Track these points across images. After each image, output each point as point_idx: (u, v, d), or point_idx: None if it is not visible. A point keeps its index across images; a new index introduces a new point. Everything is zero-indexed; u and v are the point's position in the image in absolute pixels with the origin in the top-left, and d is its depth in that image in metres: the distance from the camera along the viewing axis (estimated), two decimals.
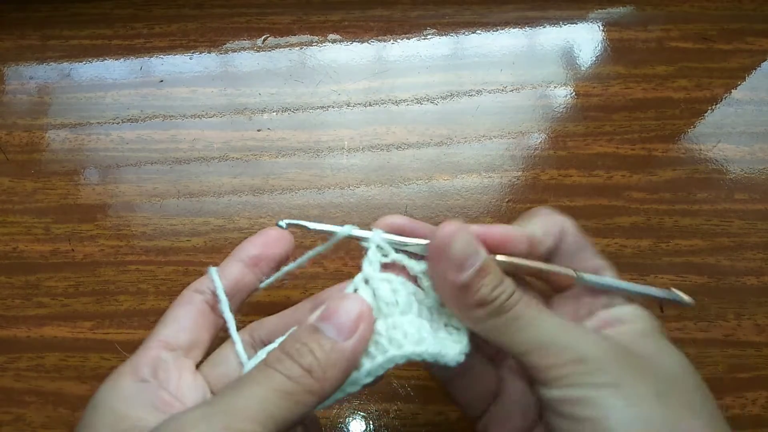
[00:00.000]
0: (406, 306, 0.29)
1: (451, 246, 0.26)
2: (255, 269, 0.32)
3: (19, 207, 0.48)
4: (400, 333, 0.27)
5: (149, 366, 0.27)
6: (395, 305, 0.28)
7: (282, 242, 0.33)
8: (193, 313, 0.30)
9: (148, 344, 0.29)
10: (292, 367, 0.24)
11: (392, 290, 0.29)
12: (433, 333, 0.28)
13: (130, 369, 0.27)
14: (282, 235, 0.33)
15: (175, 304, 0.31)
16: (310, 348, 0.25)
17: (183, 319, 0.30)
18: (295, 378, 0.24)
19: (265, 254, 0.32)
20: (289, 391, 0.24)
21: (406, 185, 0.48)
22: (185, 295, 0.31)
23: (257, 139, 0.50)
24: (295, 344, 0.25)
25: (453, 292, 0.27)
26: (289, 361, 0.24)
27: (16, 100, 0.51)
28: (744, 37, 0.53)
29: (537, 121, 0.50)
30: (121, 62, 0.53)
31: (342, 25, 0.54)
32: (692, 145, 0.49)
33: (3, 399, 0.42)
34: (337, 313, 0.26)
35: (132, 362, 0.28)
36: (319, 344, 0.25)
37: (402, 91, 0.51)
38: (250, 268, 0.32)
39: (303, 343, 0.25)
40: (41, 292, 0.45)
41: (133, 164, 0.49)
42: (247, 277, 0.32)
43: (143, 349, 0.28)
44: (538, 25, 0.54)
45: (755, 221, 0.46)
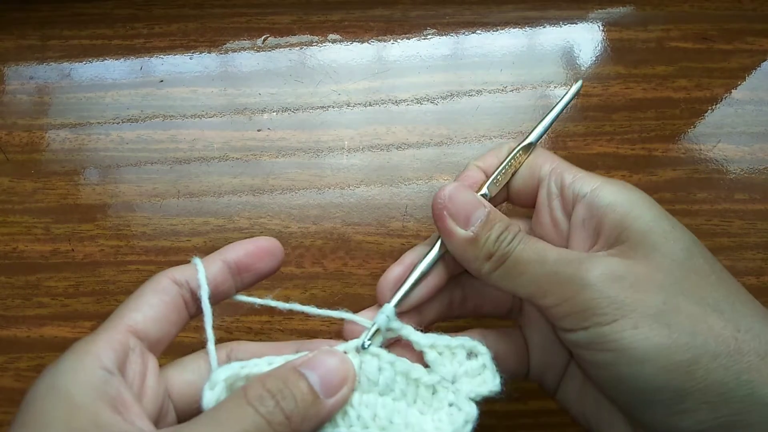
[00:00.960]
0: (385, 387, 0.28)
1: (455, 201, 0.28)
2: (237, 277, 0.30)
3: (19, 207, 0.48)
4: (369, 413, 0.27)
5: (115, 353, 0.25)
6: (375, 384, 0.28)
7: (272, 257, 0.30)
8: (167, 304, 0.28)
9: (114, 324, 0.26)
10: (275, 411, 0.23)
11: (378, 368, 0.28)
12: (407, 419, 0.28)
13: (94, 350, 0.24)
14: (273, 249, 0.30)
15: (148, 289, 0.28)
16: (293, 393, 0.24)
17: (156, 308, 0.27)
18: (275, 424, 0.23)
19: (253, 266, 0.30)
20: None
21: (406, 185, 0.48)
22: (161, 282, 0.28)
23: (257, 139, 0.50)
24: (278, 383, 0.24)
25: (463, 248, 0.28)
26: (272, 402, 0.23)
27: (16, 100, 0.51)
28: (744, 37, 0.53)
29: (537, 121, 0.50)
30: (121, 62, 0.53)
31: (342, 25, 0.54)
32: (692, 145, 0.49)
33: (3, 399, 0.42)
34: (325, 366, 0.26)
35: (96, 342, 0.25)
36: (301, 392, 0.24)
37: (402, 91, 0.51)
38: (232, 274, 0.30)
39: (286, 386, 0.24)
40: (41, 292, 0.45)
41: (133, 164, 0.49)
42: (227, 282, 0.30)
43: (109, 330, 0.26)
44: (538, 25, 0.54)
45: (755, 221, 0.46)
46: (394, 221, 0.47)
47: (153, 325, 0.27)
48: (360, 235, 0.46)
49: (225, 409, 0.23)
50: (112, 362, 0.24)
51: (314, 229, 0.46)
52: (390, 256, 0.46)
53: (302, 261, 0.45)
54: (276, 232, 0.46)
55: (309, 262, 0.46)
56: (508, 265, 0.27)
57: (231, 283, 0.30)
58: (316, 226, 0.46)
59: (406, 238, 0.46)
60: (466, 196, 0.28)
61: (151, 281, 0.28)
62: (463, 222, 0.28)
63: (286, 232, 0.46)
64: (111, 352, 0.24)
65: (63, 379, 0.23)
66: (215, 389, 0.26)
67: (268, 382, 0.24)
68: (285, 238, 0.46)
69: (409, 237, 0.46)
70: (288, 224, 0.47)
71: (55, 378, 0.23)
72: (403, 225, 0.47)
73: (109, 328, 0.26)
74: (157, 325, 0.27)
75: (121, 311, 0.27)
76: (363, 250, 0.46)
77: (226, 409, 0.23)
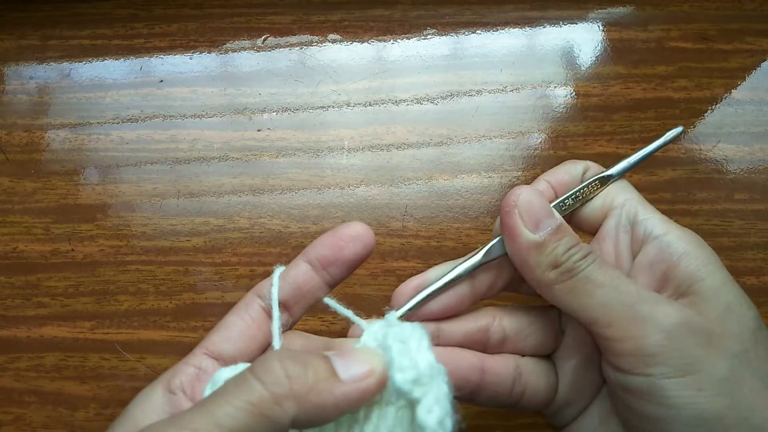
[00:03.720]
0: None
1: (528, 204, 0.26)
2: (323, 272, 0.28)
3: (19, 207, 0.48)
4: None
5: (186, 376, 0.26)
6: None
7: (357, 243, 0.28)
8: (245, 320, 0.27)
9: (195, 350, 0.27)
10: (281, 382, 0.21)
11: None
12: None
13: (167, 378, 0.26)
14: (357, 235, 0.28)
15: (234, 308, 0.28)
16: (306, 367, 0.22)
17: (234, 327, 0.27)
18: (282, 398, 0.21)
19: (338, 257, 0.28)
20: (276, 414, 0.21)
21: (406, 185, 0.48)
22: (246, 298, 0.28)
23: (257, 139, 0.50)
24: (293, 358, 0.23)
25: (527, 251, 0.26)
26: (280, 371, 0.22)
27: (16, 100, 0.51)
28: (744, 37, 0.53)
29: (537, 121, 0.50)
30: (121, 62, 0.53)
31: (342, 25, 0.54)
32: (692, 145, 0.49)
33: (3, 399, 0.42)
34: (353, 355, 0.24)
35: (173, 370, 0.26)
36: (317, 367, 0.22)
37: (402, 91, 0.51)
38: (318, 271, 0.28)
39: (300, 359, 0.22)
40: (41, 292, 0.45)
41: (133, 164, 0.49)
42: (313, 280, 0.28)
43: (189, 356, 0.27)
44: (538, 25, 0.54)
45: (755, 221, 0.46)
46: (394, 221, 0.47)
47: (229, 344, 0.27)
48: None
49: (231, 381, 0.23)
50: (179, 384, 0.25)
51: (314, 229, 0.46)
52: (390, 256, 0.46)
53: None
54: (276, 232, 0.46)
55: None
56: (578, 281, 0.26)
57: (318, 280, 0.28)
58: (316, 226, 0.46)
59: (406, 238, 0.46)
60: (541, 201, 0.27)
61: (241, 300, 0.28)
62: (532, 225, 0.26)
63: (286, 232, 0.46)
64: (182, 377, 0.26)
65: (132, 407, 0.25)
66: (216, 388, 0.25)
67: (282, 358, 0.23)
68: (285, 238, 0.46)
69: (409, 237, 0.46)
70: (288, 224, 0.47)
71: (128, 408, 0.26)
72: (403, 225, 0.47)
73: (191, 354, 0.27)
74: (233, 343, 0.27)
75: (208, 334, 0.28)
76: None
77: (232, 381, 0.23)
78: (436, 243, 0.46)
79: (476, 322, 0.30)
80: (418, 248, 0.46)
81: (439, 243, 0.46)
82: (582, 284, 0.26)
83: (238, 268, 0.46)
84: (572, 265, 0.26)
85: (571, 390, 0.30)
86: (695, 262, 0.27)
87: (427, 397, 0.23)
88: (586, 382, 0.30)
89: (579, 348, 0.31)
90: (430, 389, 0.23)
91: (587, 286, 0.25)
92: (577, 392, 0.30)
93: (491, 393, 0.29)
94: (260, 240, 0.46)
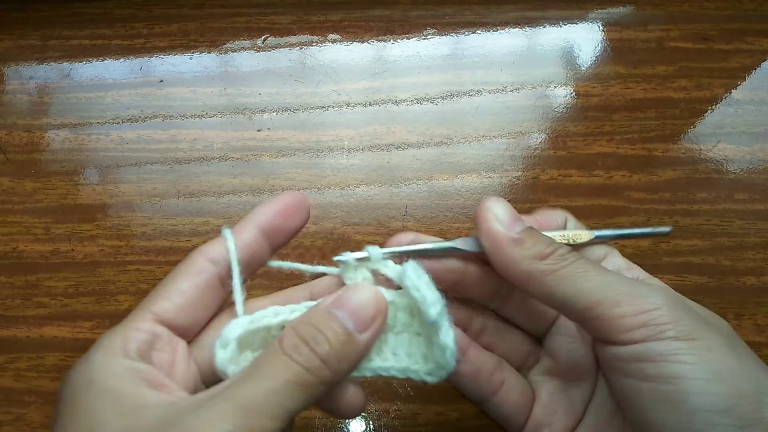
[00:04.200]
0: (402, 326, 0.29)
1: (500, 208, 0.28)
2: (269, 239, 0.29)
3: (19, 207, 0.48)
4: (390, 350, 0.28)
5: (138, 343, 0.25)
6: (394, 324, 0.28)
7: (301, 212, 0.29)
8: (200, 287, 0.27)
9: (140, 314, 0.26)
10: (311, 358, 0.23)
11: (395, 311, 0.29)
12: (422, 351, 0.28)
13: (119, 343, 0.25)
14: (301, 204, 0.29)
15: (181, 271, 0.27)
16: (326, 336, 0.24)
17: (187, 294, 0.26)
18: (313, 369, 0.23)
19: (284, 225, 0.29)
20: (306, 383, 0.23)
21: (406, 185, 0.48)
22: (195, 262, 0.27)
23: (257, 139, 0.50)
24: (311, 329, 0.24)
25: (508, 248, 0.27)
26: (306, 349, 0.24)
27: (16, 100, 0.51)
28: (744, 37, 0.53)
29: (537, 121, 0.50)
30: (121, 62, 0.53)
31: (342, 25, 0.54)
32: (692, 145, 0.49)
33: (3, 399, 0.42)
34: (354, 302, 0.26)
35: (121, 336, 0.25)
36: (335, 333, 0.24)
37: (402, 91, 0.51)
38: (266, 238, 0.28)
39: (319, 330, 0.24)
40: (41, 292, 0.45)
41: (133, 164, 0.49)
42: (262, 248, 0.28)
43: (134, 318, 0.26)
44: (538, 25, 0.54)
45: (755, 221, 0.46)
46: (394, 221, 0.47)
47: (182, 312, 0.26)
48: (360, 235, 0.46)
49: (265, 363, 0.24)
50: (136, 349, 0.25)
51: (314, 229, 0.46)
52: None
53: (302, 261, 0.45)
54: None
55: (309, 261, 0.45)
56: (572, 269, 0.26)
57: (266, 247, 0.29)
58: (316, 226, 0.46)
59: None
60: (510, 209, 0.28)
61: (185, 262, 0.27)
62: (506, 226, 0.27)
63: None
64: (134, 343, 0.25)
65: (98, 373, 0.24)
66: (228, 348, 0.25)
67: (300, 329, 0.24)
68: None
69: None
70: None
71: (90, 374, 0.24)
72: (403, 225, 0.47)
73: (135, 317, 0.26)
74: (187, 312, 0.26)
75: (150, 298, 0.26)
76: None
77: (266, 363, 0.24)
78: None
79: (467, 308, 0.31)
80: None
81: None
82: (577, 271, 0.26)
83: None
84: (562, 256, 0.27)
85: (547, 411, 0.31)
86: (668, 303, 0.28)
87: (444, 323, 0.26)
88: (563, 406, 0.31)
89: (558, 374, 0.31)
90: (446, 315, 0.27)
91: (583, 273, 0.26)
92: (552, 414, 0.31)
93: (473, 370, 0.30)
94: None
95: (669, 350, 0.24)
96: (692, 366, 0.24)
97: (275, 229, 0.29)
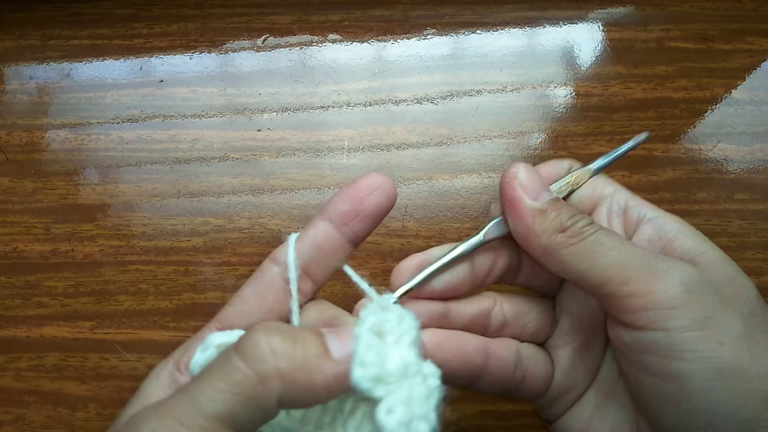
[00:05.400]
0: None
1: (527, 176, 0.27)
2: (344, 229, 0.26)
3: (19, 207, 0.48)
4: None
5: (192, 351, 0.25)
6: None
7: (380, 192, 0.26)
8: (260, 290, 0.26)
9: (209, 324, 0.26)
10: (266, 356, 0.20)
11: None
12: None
13: (179, 353, 0.25)
14: (380, 184, 0.26)
15: (250, 278, 0.26)
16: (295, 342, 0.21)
17: (249, 300, 0.25)
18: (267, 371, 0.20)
19: (358, 209, 0.26)
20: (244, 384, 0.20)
21: (406, 185, 0.48)
22: (262, 266, 0.26)
23: (257, 139, 0.50)
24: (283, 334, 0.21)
25: (531, 218, 0.26)
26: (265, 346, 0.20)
27: (16, 100, 0.51)
28: (744, 37, 0.53)
29: (537, 121, 0.50)
30: (121, 62, 0.53)
31: (342, 25, 0.54)
32: (692, 145, 0.49)
33: (3, 399, 0.42)
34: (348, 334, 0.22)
35: (186, 345, 0.26)
36: (308, 342, 0.21)
37: (402, 91, 0.51)
38: (339, 228, 0.26)
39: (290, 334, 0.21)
40: (41, 292, 0.45)
41: (133, 164, 0.49)
42: (335, 239, 0.26)
43: (202, 330, 0.26)
44: (538, 25, 0.54)
45: (755, 221, 0.46)
46: (394, 221, 0.47)
47: (243, 316, 0.25)
48: None
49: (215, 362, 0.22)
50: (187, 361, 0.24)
51: None
52: (390, 256, 0.46)
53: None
54: (276, 232, 0.47)
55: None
56: (588, 243, 0.25)
57: (340, 238, 0.26)
58: None
59: (406, 238, 0.46)
60: (538, 176, 0.27)
61: (259, 267, 0.26)
62: (532, 195, 0.27)
63: (286, 232, 0.46)
64: (191, 352, 0.25)
65: (145, 383, 0.25)
66: (206, 352, 0.24)
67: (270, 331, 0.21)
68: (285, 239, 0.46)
69: (409, 237, 0.46)
70: (288, 224, 0.47)
71: (142, 384, 0.25)
72: (403, 225, 0.47)
73: (204, 327, 0.26)
74: (248, 316, 0.25)
75: (223, 307, 0.26)
76: (363, 250, 0.46)
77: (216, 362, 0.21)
78: (437, 243, 0.46)
79: (479, 304, 0.30)
80: (419, 248, 0.46)
81: (439, 243, 0.46)
82: (592, 246, 0.25)
83: (238, 268, 0.46)
84: (580, 229, 0.26)
85: (567, 377, 0.31)
86: (691, 239, 0.27)
87: (391, 397, 0.21)
88: (581, 368, 0.30)
89: (574, 335, 0.31)
90: (399, 388, 0.21)
91: (598, 248, 0.25)
92: (572, 379, 0.31)
93: (493, 377, 0.29)
94: (260, 240, 0.46)
95: (674, 344, 0.23)
96: (698, 365, 0.23)
97: (347, 216, 0.26)
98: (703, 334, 0.23)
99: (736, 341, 0.23)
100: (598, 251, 0.25)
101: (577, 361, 0.31)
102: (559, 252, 0.26)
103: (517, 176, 0.27)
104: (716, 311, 0.24)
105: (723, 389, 0.23)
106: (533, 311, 0.31)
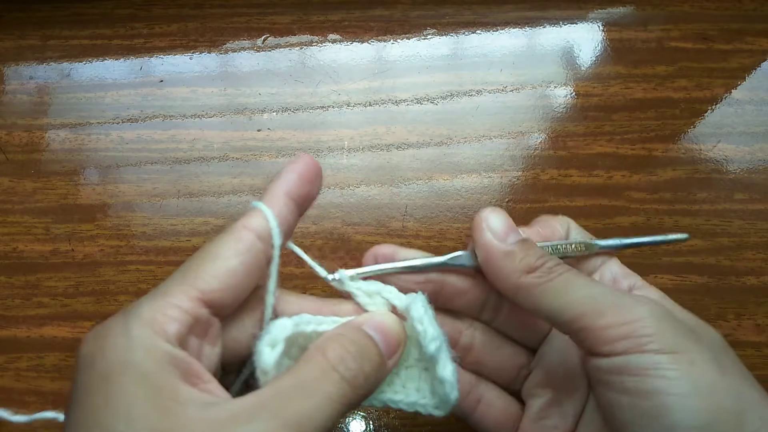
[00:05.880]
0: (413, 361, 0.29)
1: (495, 220, 0.28)
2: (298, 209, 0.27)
3: (19, 207, 0.48)
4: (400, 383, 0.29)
5: (181, 324, 0.22)
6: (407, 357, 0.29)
7: (319, 178, 0.28)
8: (248, 266, 0.24)
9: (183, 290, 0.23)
10: (358, 374, 0.23)
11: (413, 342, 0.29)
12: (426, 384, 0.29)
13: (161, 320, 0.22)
14: (318, 169, 0.27)
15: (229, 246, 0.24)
16: (368, 356, 0.24)
17: (238, 273, 0.24)
18: (357, 387, 0.23)
19: (311, 193, 0.27)
20: (347, 401, 0.23)
21: (406, 185, 0.48)
22: (242, 237, 0.25)
23: (257, 139, 0.50)
24: (355, 345, 0.24)
25: (500, 260, 0.27)
26: (354, 365, 0.24)
27: (16, 100, 0.51)
28: (744, 37, 0.53)
29: (537, 121, 0.50)
30: (121, 62, 0.53)
31: (342, 25, 0.54)
32: (692, 145, 0.49)
33: (3, 399, 0.42)
34: (385, 327, 0.26)
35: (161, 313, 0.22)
36: (373, 354, 0.25)
37: (402, 91, 0.51)
38: (297, 207, 0.27)
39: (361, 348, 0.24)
40: (41, 292, 0.45)
41: (133, 164, 0.49)
42: (295, 218, 0.27)
43: (175, 296, 0.23)
44: (538, 25, 0.54)
45: (755, 221, 0.46)
46: (394, 221, 0.47)
47: (228, 292, 0.24)
48: (360, 235, 0.46)
49: (310, 375, 0.23)
50: (175, 335, 0.22)
51: (314, 229, 0.46)
52: None
53: (302, 261, 0.45)
54: None
55: None
56: (560, 281, 0.27)
57: (295, 217, 0.27)
58: (316, 226, 0.46)
59: (406, 238, 0.46)
60: (506, 219, 0.29)
61: (231, 235, 0.25)
62: (500, 238, 0.28)
63: None
64: (174, 325, 0.22)
65: (137, 355, 0.21)
66: (276, 348, 0.24)
67: (345, 343, 0.24)
68: None
69: (409, 237, 0.46)
70: None
71: (127, 353, 0.21)
72: (403, 225, 0.47)
73: (175, 292, 0.23)
74: (234, 292, 0.24)
75: (192, 270, 0.24)
76: (363, 250, 0.45)
77: (311, 375, 0.23)
78: (436, 243, 0.46)
79: (454, 322, 0.31)
80: (418, 248, 0.46)
81: (439, 243, 0.46)
82: (564, 284, 0.27)
83: None
84: (550, 269, 0.27)
85: (539, 427, 0.31)
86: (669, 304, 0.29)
87: (443, 357, 0.27)
88: (557, 420, 0.31)
89: (545, 388, 0.32)
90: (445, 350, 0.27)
91: (570, 286, 0.27)
92: (542, 428, 0.31)
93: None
94: None
95: (649, 364, 0.24)
96: (672, 381, 0.24)
97: (304, 199, 0.27)
98: (676, 355, 0.24)
99: (706, 362, 0.25)
100: (570, 288, 0.27)
101: (549, 411, 0.31)
102: (531, 291, 0.27)
103: (485, 219, 0.28)
104: (687, 339, 0.25)
105: (697, 404, 0.24)
106: (503, 349, 0.32)
